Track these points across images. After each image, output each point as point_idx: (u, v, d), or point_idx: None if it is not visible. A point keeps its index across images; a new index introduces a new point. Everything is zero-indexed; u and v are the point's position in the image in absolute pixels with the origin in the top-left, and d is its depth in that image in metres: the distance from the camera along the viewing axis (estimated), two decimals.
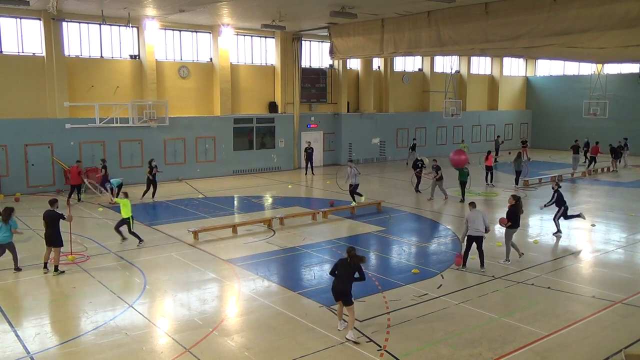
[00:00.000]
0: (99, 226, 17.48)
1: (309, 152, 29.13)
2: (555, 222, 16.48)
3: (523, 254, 13.83)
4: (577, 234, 16.83)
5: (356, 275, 9.29)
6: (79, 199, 21.50)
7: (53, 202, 13.01)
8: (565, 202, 16.44)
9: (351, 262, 9.22)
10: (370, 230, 17.09)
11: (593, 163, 31.39)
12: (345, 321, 9.44)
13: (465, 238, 12.96)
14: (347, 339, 9.07)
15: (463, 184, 21.60)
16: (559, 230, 16.40)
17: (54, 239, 12.64)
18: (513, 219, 13.41)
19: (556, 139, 39.62)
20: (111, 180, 21.60)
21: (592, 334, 9.56)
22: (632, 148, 37.66)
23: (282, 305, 10.72)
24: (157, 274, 12.68)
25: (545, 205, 16.95)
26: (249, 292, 11.51)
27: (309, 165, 29.09)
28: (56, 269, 12.74)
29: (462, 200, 21.38)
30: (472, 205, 13.36)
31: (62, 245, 12.84)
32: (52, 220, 12.68)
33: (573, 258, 14.16)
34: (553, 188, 16.72)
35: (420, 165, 24.04)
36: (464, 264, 13.03)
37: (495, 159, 33.88)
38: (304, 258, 14.15)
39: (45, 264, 12.85)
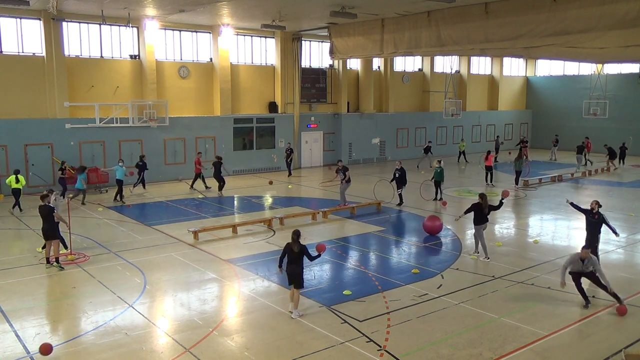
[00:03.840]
0: (98, 226, 17.47)
1: (288, 153, 28.81)
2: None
3: (478, 253, 13.97)
4: (577, 234, 16.81)
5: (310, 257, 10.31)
6: (206, 187, 23.88)
7: (44, 197, 13.16)
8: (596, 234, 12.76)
9: (297, 246, 10.12)
10: (370, 230, 17.09)
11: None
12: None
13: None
14: (293, 317, 10.03)
15: (437, 184, 21.56)
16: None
17: (49, 232, 12.82)
18: (479, 215, 13.68)
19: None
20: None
21: (592, 334, 9.56)
22: (633, 148, 37.71)
23: (282, 305, 10.72)
24: (157, 274, 12.68)
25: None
26: (249, 292, 11.51)
27: (289, 166, 28.84)
28: (57, 261, 12.94)
29: (440, 199, 21.48)
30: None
31: (58, 238, 13.00)
32: (46, 214, 12.82)
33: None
34: (593, 209, 12.64)
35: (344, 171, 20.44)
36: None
37: (495, 158, 33.95)
38: (303, 258, 14.11)
39: (48, 259, 13.03)
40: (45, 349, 8.37)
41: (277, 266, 10.55)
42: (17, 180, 19.05)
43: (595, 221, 12.54)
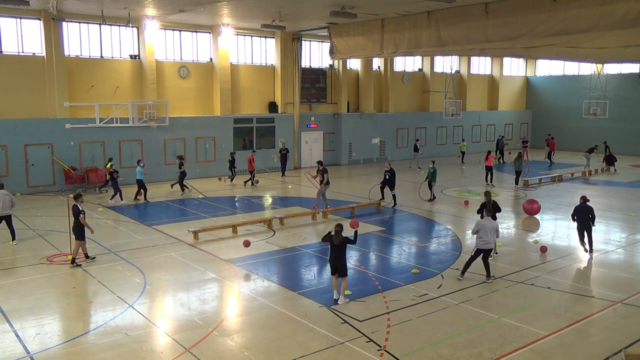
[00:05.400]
0: (99, 226, 17.41)
1: (284, 153, 28.67)
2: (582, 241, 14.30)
3: (497, 253, 13.95)
4: (577, 234, 16.78)
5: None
6: (253, 184, 25.13)
7: (77, 197, 13.51)
8: (574, 219, 14.18)
9: (340, 239, 10.68)
10: (370, 230, 17.08)
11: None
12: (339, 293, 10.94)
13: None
14: (338, 302, 10.67)
15: (430, 184, 21.58)
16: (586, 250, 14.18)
17: (75, 232, 13.21)
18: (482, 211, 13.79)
19: (556, 139, 39.60)
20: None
21: (592, 334, 9.56)
22: (632, 148, 37.73)
23: (282, 305, 10.72)
24: (157, 274, 12.68)
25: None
26: (249, 292, 11.51)
27: (284, 167, 28.69)
28: (72, 261, 13.19)
29: (434, 198, 21.54)
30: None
31: (83, 240, 13.29)
32: (74, 215, 13.19)
33: (573, 258, 14.15)
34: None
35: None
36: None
37: (499, 159, 33.90)
38: (304, 258, 14.16)
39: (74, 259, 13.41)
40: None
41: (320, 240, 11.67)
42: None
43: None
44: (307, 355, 8.62)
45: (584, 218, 13.97)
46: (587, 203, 14.03)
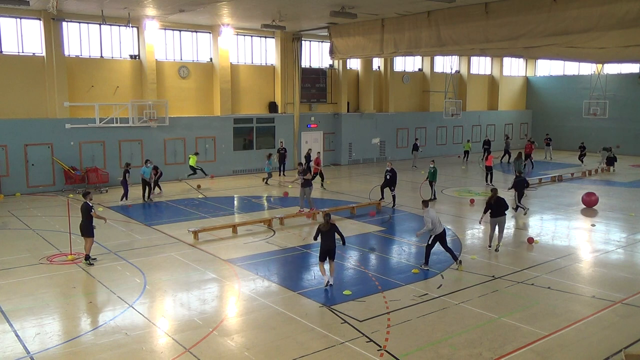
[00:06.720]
0: (99, 226, 17.39)
1: (282, 153, 28.65)
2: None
3: (491, 247, 14.50)
4: (577, 234, 16.83)
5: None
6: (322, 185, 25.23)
7: (85, 194, 13.71)
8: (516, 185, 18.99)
9: (329, 225, 11.53)
10: (370, 230, 17.09)
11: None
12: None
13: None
14: (331, 284, 11.61)
15: (431, 184, 21.67)
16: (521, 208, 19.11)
17: (84, 229, 13.35)
18: (493, 209, 14.26)
19: (556, 139, 39.61)
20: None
21: (592, 334, 9.56)
22: (632, 148, 37.74)
23: (282, 305, 10.72)
24: (157, 274, 12.68)
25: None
26: (249, 292, 11.52)
27: (282, 167, 28.68)
28: (86, 258, 13.31)
29: (434, 198, 21.59)
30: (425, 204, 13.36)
31: (93, 236, 13.43)
32: (84, 212, 13.32)
33: (573, 258, 14.15)
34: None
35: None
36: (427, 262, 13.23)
37: (501, 159, 33.87)
38: (304, 258, 14.16)
39: (87, 256, 13.48)
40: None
41: (312, 238, 12.26)
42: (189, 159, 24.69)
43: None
44: (307, 355, 8.62)
45: (524, 186, 19.01)
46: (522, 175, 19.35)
